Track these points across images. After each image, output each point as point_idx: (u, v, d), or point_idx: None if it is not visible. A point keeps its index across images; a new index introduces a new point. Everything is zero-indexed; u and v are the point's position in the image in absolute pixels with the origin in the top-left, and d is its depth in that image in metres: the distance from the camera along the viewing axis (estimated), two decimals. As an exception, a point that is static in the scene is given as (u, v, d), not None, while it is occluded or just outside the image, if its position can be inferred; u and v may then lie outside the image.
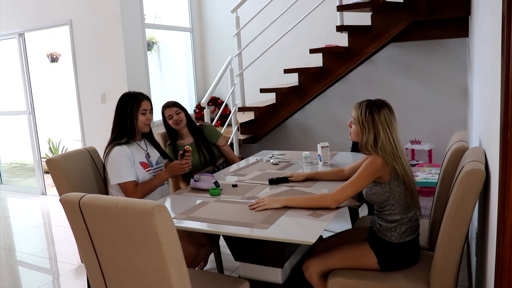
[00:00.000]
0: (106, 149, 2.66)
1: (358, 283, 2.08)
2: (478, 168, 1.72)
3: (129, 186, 2.60)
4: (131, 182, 2.61)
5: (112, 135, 2.71)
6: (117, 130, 2.70)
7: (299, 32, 5.15)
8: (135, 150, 2.71)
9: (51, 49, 7.67)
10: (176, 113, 3.27)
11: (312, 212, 2.09)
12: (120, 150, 2.61)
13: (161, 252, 1.60)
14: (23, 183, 7.04)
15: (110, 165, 2.60)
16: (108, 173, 2.62)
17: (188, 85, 6.48)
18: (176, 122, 3.27)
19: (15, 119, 6.75)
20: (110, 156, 2.60)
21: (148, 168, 2.75)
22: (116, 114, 2.72)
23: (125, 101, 2.70)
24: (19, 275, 3.69)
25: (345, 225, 3.38)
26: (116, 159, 2.59)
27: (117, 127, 2.70)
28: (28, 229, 4.76)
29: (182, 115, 3.29)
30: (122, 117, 2.69)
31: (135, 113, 2.69)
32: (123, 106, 2.69)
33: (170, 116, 3.27)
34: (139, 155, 2.72)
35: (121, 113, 2.69)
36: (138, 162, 2.69)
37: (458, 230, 1.81)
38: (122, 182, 2.59)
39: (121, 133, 2.69)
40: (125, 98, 2.72)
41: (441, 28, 4.41)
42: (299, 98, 4.64)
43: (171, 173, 2.76)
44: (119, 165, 2.59)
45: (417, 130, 5.08)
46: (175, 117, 3.26)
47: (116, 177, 2.60)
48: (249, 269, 2.33)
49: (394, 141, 2.08)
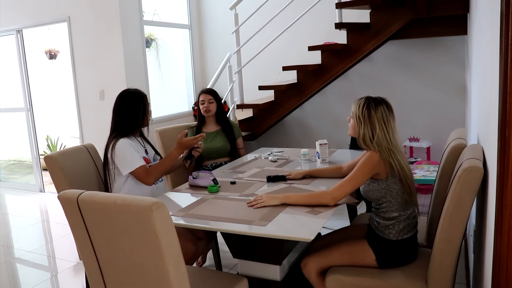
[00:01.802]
0: (110, 143, 2.68)
1: (356, 280, 2.08)
2: (476, 166, 1.72)
3: (141, 171, 2.64)
4: (142, 167, 2.64)
5: (113, 132, 2.72)
6: (121, 126, 2.71)
7: (297, 29, 5.14)
8: (137, 146, 2.74)
9: (50, 46, 7.65)
10: (208, 101, 3.47)
11: (311, 209, 2.09)
12: (125, 140, 2.65)
13: (160, 249, 1.60)
14: (21, 180, 7.03)
15: (119, 156, 2.63)
16: (118, 165, 2.64)
17: (187, 82, 6.47)
18: (205, 109, 3.46)
19: (13, 116, 6.74)
20: (117, 148, 2.63)
21: (149, 164, 2.77)
22: (124, 111, 2.72)
23: (135, 98, 2.74)
24: (17, 272, 3.69)
25: (343, 223, 3.38)
26: (123, 150, 2.62)
27: (122, 124, 2.71)
28: (26, 226, 4.75)
29: (213, 106, 3.47)
30: (133, 113, 2.72)
31: (147, 107, 2.77)
32: (135, 103, 2.73)
33: (202, 101, 3.48)
34: (140, 150, 2.76)
35: (133, 109, 2.71)
36: (141, 157, 2.72)
37: (456, 227, 1.81)
38: (134, 169, 2.62)
39: (125, 130, 2.71)
40: (134, 95, 2.75)
41: (440, 25, 4.42)
42: (297, 95, 4.64)
43: (183, 148, 2.78)
44: (128, 154, 2.62)
45: (415, 127, 5.09)
46: (206, 104, 3.47)
47: (127, 167, 2.62)
48: (248, 266, 2.33)
49: (390, 137, 2.09)
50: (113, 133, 2.72)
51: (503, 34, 1.23)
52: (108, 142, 2.70)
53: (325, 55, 4.46)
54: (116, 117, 2.74)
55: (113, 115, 2.75)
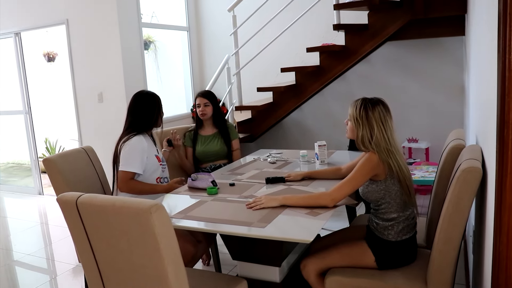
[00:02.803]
0: (123, 137, 2.71)
1: (356, 281, 2.08)
2: (475, 166, 1.72)
3: (127, 176, 2.64)
4: (131, 174, 2.65)
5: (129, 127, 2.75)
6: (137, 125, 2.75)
7: (296, 31, 5.15)
8: (150, 144, 2.79)
9: (48, 49, 7.64)
10: (204, 105, 3.47)
11: (310, 211, 2.09)
12: (139, 140, 2.68)
13: (159, 251, 1.60)
14: (20, 183, 7.02)
15: (125, 151, 2.65)
16: (120, 158, 2.66)
17: (185, 84, 6.46)
18: (201, 113, 3.48)
19: (11, 119, 6.73)
20: (128, 143, 2.66)
21: (160, 162, 2.83)
22: (141, 111, 2.77)
23: (152, 99, 2.82)
24: (16, 275, 3.68)
25: (342, 224, 3.39)
26: (131, 148, 2.65)
27: (138, 123, 2.75)
28: (25, 229, 4.74)
29: (209, 109, 3.48)
30: (149, 114, 2.77)
31: (161, 110, 2.86)
32: (151, 104, 2.80)
33: (198, 105, 3.50)
34: (153, 148, 2.81)
35: (149, 110, 2.78)
36: (153, 154, 2.77)
37: (455, 228, 1.81)
38: (125, 170, 2.63)
39: (140, 129, 2.75)
40: (151, 97, 2.83)
41: (438, 26, 4.42)
42: (296, 97, 4.64)
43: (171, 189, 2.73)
44: (133, 154, 2.64)
45: (414, 128, 5.09)
46: (202, 108, 3.48)
47: (123, 164, 2.64)
48: (247, 268, 2.33)
49: (388, 138, 2.09)
50: (127, 129, 2.76)
51: (501, 34, 1.23)
52: (122, 136, 2.74)
53: (323, 57, 4.47)
54: (131, 116, 2.79)
55: (127, 114, 2.81)
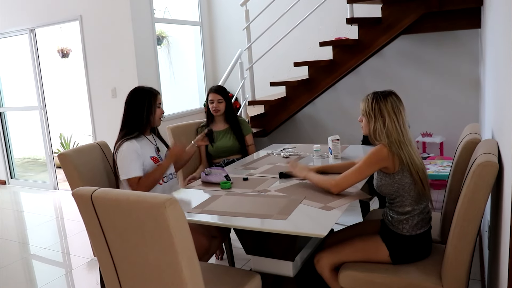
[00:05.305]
0: (116, 144, 2.67)
1: (370, 276, 2.07)
2: (490, 161, 1.70)
3: (134, 181, 2.60)
4: (136, 179, 2.60)
5: (122, 130, 2.71)
6: (129, 124, 2.69)
7: (309, 25, 5.13)
8: (145, 145, 2.71)
9: (62, 45, 7.72)
10: (218, 101, 3.45)
11: (323, 205, 2.09)
12: (129, 145, 2.60)
13: (173, 245, 1.61)
14: (35, 178, 7.11)
15: (119, 160, 2.61)
16: (118, 168, 2.63)
17: (198, 79, 6.48)
18: (214, 109, 3.45)
19: (27, 115, 6.82)
20: (119, 151, 2.61)
21: (159, 162, 2.75)
22: (130, 108, 2.70)
23: (141, 95, 2.70)
24: (33, 268, 3.74)
25: (356, 218, 3.37)
26: (124, 155, 2.59)
27: (129, 121, 2.69)
28: (41, 223, 4.81)
29: (222, 105, 3.46)
30: (137, 111, 2.68)
31: (153, 106, 2.71)
32: (139, 100, 2.68)
33: (211, 101, 3.46)
34: (149, 149, 2.72)
35: (137, 107, 2.68)
36: (148, 156, 2.69)
37: (471, 223, 1.79)
38: (129, 178, 2.60)
39: (133, 128, 2.68)
40: (141, 92, 2.71)
41: (453, 19, 4.36)
42: (309, 91, 4.62)
43: (173, 158, 2.74)
44: (127, 161, 2.59)
45: (428, 122, 5.04)
46: (215, 104, 3.45)
47: (124, 173, 2.60)
48: (261, 262, 2.33)
49: (400, 128, 2.08)
50: (121, 131, 2.70)
51: (518, 26, 1.21)
52: (115, 142, 2.68)
53: (336, 51, 4.44)
54: (124, 113, 2.73)
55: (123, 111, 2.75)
